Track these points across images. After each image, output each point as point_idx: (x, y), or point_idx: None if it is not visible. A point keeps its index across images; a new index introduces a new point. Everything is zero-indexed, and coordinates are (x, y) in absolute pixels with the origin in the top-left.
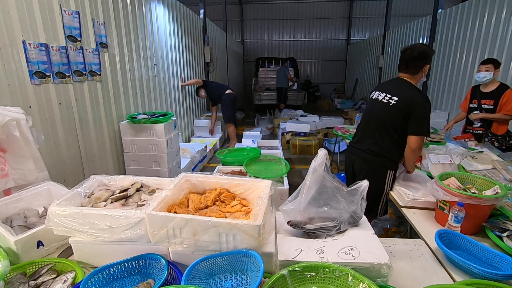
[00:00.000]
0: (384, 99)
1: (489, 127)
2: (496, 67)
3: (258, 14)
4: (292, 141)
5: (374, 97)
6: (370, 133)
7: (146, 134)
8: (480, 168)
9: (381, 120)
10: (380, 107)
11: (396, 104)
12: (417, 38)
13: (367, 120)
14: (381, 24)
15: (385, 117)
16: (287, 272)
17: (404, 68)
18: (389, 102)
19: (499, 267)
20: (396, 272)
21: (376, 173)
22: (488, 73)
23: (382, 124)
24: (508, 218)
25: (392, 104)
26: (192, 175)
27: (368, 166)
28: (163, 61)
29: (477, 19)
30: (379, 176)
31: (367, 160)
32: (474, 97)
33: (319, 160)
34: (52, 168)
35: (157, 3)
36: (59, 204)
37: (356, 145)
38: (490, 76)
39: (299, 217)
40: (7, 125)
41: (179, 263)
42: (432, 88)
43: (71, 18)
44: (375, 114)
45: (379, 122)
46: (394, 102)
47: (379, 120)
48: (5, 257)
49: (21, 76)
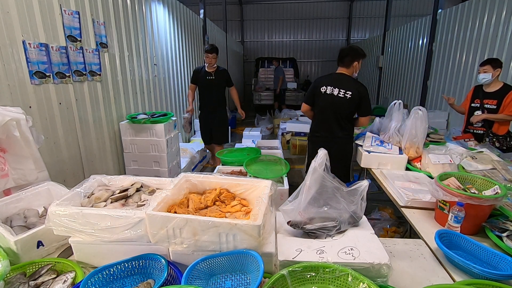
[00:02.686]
0: (340, 94)
1: (490, 127)
2: (495, 67)
3: (258, 14)
4: (292, 141)
5: (328, 92)
6: (331, 122)
7: (146, 134)
8: (480, 168)
9: (341, 111)
10: (338, 101)
11: (351, 97)
12: (417, 38)
13: (326, 113)
14: (381, 24)
15: (344, 107)
16: (287, 272)
17: (340, 63)
18: (345, 96)
19: (499, 267)
20: (396, 272)
21: (343, 149)
22: (487, 74)
23: (342, 113)
24: (508, 218)
25: (348, 97)
26: (192, 175)
27: (337, 146)
28: (163, 61)
29: (477, 19)
30: (346, 151)
31: (335, 142)
32: (476, 96)
33: (319, 160)
34: (52, 168)
35: (157, 3)
36: (59, 204)
37: (319, 133)
38: (489, 77)
39: (299, 217)
40: (7, 125)
41: (179, 263)
42: (432, 88)
43: (71, 18)
44: (335, 107)
45: (338, 112)
46: (349, 96)
47: (339, 110)
48: (5, 257)
49: (21, 76)
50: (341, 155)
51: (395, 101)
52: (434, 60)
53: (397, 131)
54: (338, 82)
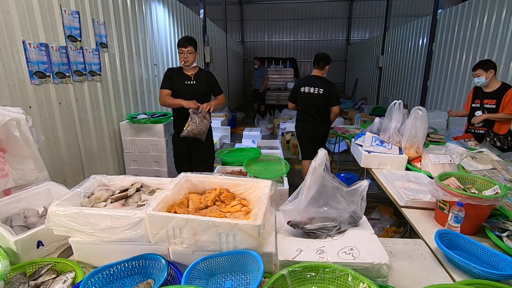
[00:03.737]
0: (315, 91)
1: (491, 126)
2: (487, 69)
3: (258, 14)
4: (292, 141)
5: (307, 91)
6: (313, 114)
7: (146, 134)
8: (480, 168)
9: (318, 104)
10: (314, 97)
11: (323, 92)
12: (417, 38)
13: (308, 107)
14: (381, 24)
15: (320, 101)
16: (287, 272)
17: (316, 66)
18: (319, 93)
19: (499, 267)
20: (396, 272)
21: (321, 130)
22: (480, 78)
23: (319, 106)
24: (508, 218)
25: (321, 93)
26: (192, 175)
27: (320, 132)
28: (163, 61)
29: (477, 19)
30: (323, 131)
31: (318, 129)
32: (476, 97)
33: (319, 160)
34: (52, 168)
35: (157, 3)
36: (59, 204)
37: (304, 125)
38: (483, 80)
39: (299, 217)
40: (7, 125)
41: (179, 263)
42: (432, 88)
43: (71, 18)
44: (313, 102)
45: (316, 105)
46: (321, 91)
47: (316, 104)
48: (5, 257)
49: (21, 76)
50: (318, 134)
51: (395, 101)
52: (434, 60)
53: (397, 131)
54: (313, 83)
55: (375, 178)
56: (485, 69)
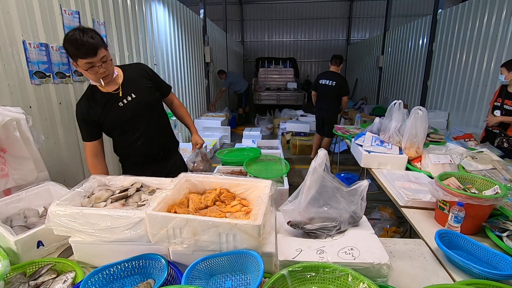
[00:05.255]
0: (329, 83)
1: (505, 128)
2: (510, 69)
3: (258, 14)
4: (292, 141)
5: (323, 83)
6: (326, 101)
7: None
8: (480, 168)
9: (331, 94)
10: (328, 88)
11: (335, 84)
12: (417, 38)
13: (324, 95)
14: (381, 24)
15: (332, 92)
16: (287, 272)
17: (334, 63)
18: (332, 85)
19: (499, 267)
20: (396, 272)
21: (334, 118)
22: (501, 75)
23: (332, 96)
24: (508, 218)
25: (334, 85)
26: (192, 175)
27: (330, 116)
28: (163, 61)
29: (477, 19)
30: (333, 116)
31: (330, 113)
32: (500, 95)
33: (319, 160)
34: (52, 168)
35: (157, 3)
36: (59, 204)
37: (321, 107)
38: (502, 78)
39: (299, 217)
40: (7, 125)
41: (179, 263)
42: (432, 88)
43: (71, 18)
44: (327, 92)
45: (329, 95)
46: (334, 84)
47: (330, 94)
48: (5, 257)
49: (21, 76)
50: (330, 119)
51: (395, 101)
52: (434, 60)
53: (397, 131)
54: (329, 76)
55: (375, 178)
56: (509, 68)
